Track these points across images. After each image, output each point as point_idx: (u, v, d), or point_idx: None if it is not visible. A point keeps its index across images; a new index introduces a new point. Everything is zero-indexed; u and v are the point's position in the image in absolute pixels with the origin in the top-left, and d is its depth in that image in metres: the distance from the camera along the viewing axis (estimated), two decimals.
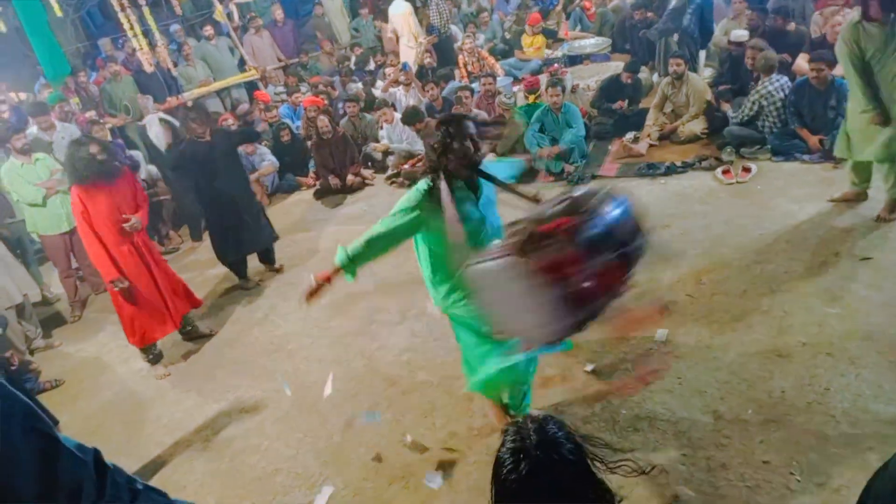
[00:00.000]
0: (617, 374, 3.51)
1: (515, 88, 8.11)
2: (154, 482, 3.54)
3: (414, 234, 2.67)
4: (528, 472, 1.36)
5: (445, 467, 3.16)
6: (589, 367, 3.58)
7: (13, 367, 4.41)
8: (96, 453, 1.27)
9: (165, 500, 1.43)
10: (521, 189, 2.61)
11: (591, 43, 9.33)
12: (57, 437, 1.18)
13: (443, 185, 2.50)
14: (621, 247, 1.96)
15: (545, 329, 2.02)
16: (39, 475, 1.10)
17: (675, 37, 7.55)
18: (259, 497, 3.27)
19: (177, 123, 6.75)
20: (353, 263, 2.61)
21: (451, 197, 2.47)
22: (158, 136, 6.38)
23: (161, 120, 6.47)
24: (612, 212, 2.00)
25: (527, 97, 7.08)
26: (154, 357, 4.62)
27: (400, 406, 3.64)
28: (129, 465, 3.73)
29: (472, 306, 2.55)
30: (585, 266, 1.90)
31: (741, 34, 6.77)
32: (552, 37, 9.50)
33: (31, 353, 5.23)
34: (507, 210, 2.52)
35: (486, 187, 2.66)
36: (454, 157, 2.51)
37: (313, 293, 2.69)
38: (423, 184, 2.59)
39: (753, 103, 5.77)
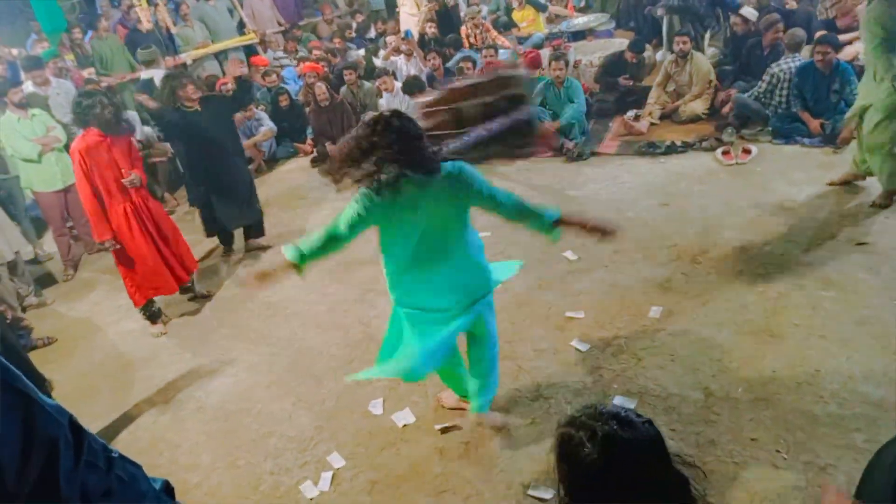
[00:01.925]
0: (609, 350, 3.54)
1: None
2: (147, 439, 3.58)
3: None
4: (618, 453, 1.33)
5: (437, 435, 3.20)
6: (581, 344, 3.61)
7: (8, 321, 4.39)
8: (72, 417, 1.24)
9: (141, 472, 1.40)
10: None
11: (590, 19, 9.23)
12: (32, 395, 1.15)
13: None
14: None
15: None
16: (18, 433, 1.08)
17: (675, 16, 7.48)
18: (252, 457, 3.30)
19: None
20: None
21: None
22: None
23: None
24: None
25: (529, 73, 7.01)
26: (152, 314, 4.61)
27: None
28: (122, 423, 3.76)
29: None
30: None
31: (752, 12, 6.71)
32: (543, 10, 9.37)
33: (24, 310, 5.21)
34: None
35: None
36: None
37: (261, 279, 2.68)
38: None
39: (772, 76, 5.72)
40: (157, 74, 6.34)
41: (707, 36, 7.70)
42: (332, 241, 2.57)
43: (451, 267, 2.62)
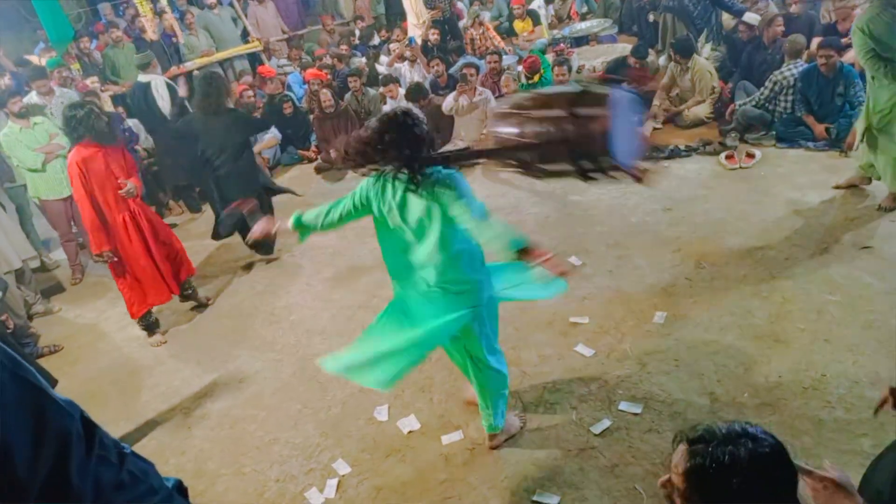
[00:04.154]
0: (614, 355, 3.53)
1: (519, 68, 8.05)
2: (153, 447, 3.59)
3: None
4: (754, 468, 1.31)
5: (441, 442, 3.19)
6: (586, 350, 3.61)
7: (9, 330, 4.41)
8: (83, 412, 1.23)
9: (153, 469, 1.39)
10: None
11: (593, 24, 9.25)
12: (44, 388, 1.14)
13: None
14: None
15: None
16: (30, 424, 1.07)
17: (670, 16, 7.52)
18: (257, 465, 3.30)
19: (178, 91, 6.67)
20: None
21: None
22: (164, 97, 6.31)
23: (168, 84, 6.41)
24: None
25: (528, 78, 7.02)
26: (149, 325, 4.62)
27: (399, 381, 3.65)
28: (128, 430, 3.77)
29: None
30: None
31: (754, 17, 6.71)
32: (537, 23, 9.40)
33: (31, 318, 5.23)
34: None
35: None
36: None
37: (265, 233, 2.82)
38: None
39: (775, 84, 5.72)
40: (153, 79, 6.38)
41: (703, 38, 7.72)
42: (327, 218, 2.71)
43: (436, 270, 2.60)
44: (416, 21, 9.10)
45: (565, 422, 3.15)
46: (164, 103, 6.30)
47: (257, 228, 2.81)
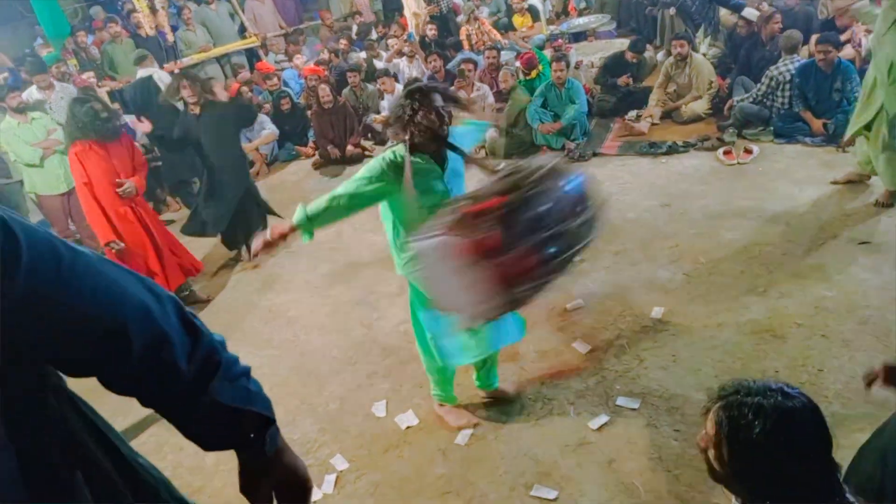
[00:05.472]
0: (612, 351, 3.54)
1: (517, 64, 8.05)
2: (151, 443, 3.58)
3: (377, 202, 2.67)
4: (789, 424, 1.37)
5: (439, 437, 3.20)
6: (583, 346, 3.61)
7: None
8: None
9: None
10: (482, 161, 2.70)
11: (591, 20, 9.25)
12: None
13: (406, 157, 2.52)
14: (555, 226, 1.97)
15: (476, 308, 2.06)
16: (144, 290, 1.10)
17: (672, 10, 7.52)
18: None
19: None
20: (311, 223, 2.58)
21: (412, 170, 2.50)
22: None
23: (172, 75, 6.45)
24: (554, 190, 2.00)
25: (525, 74, 7.02)
26: None
27: (397, 376, 3.66)
28: (125, 426, 3.75)
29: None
30: (509, 248, 1.92)
31: (753, 12, 6.71)
32: (537, 19, 9.41)
33: None
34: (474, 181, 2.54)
35: (454, 160, 2.67)
36: (419, 129, 2.51)
37: (268, 246, 2.61)
38: (389, 154, 2.60)
39: (771, 80, 5.72)
40: (153, 71, 6.39)
41: (700, 33, 7.72)
42: (335, 202, 2.58)
43: None
44: (412, 15, 9.10)
45: (563, 417, 3.15)
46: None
47: (257, 245, 2.62)
